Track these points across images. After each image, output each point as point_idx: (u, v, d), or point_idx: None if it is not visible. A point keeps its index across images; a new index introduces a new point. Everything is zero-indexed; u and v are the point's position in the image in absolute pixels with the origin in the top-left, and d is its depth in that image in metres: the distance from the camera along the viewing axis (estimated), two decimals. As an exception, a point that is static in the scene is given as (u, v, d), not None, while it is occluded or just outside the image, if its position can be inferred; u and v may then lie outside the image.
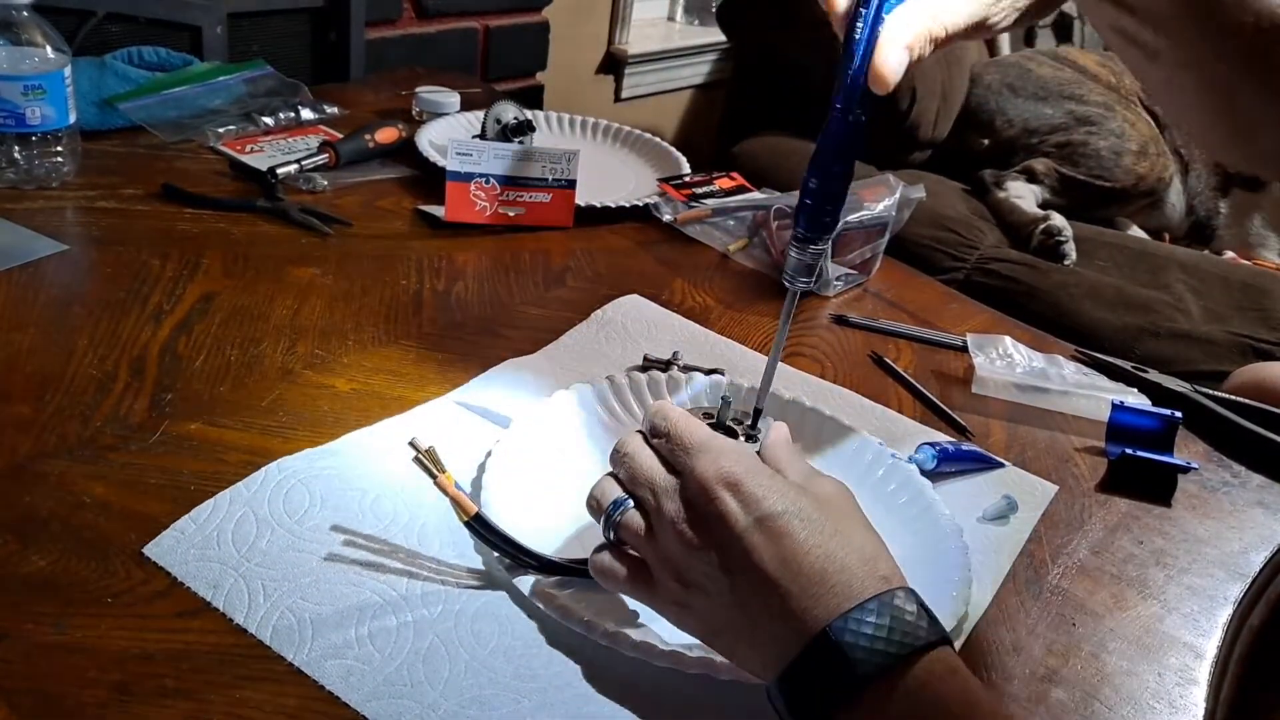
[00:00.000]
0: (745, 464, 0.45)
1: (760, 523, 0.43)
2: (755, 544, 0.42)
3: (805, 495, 0.44)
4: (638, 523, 0.46)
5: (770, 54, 1.67)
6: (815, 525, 0.43)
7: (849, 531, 0.43)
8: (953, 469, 0.67)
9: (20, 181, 0.84)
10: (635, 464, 0.47)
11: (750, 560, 0.42)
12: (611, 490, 0.48)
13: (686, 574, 0.44)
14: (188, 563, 0.49)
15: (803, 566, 0.41)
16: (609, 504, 0.47)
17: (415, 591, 0.50)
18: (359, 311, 0.75)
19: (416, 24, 1.47)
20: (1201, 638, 0.58)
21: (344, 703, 0.44)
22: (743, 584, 0.42)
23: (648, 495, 0.46)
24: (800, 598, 0.41)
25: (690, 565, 0.44)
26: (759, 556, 0.42)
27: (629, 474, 0.47)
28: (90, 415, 0.58)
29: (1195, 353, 1.24)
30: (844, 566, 0.42)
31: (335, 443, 0.59)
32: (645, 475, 0.46)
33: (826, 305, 0.90)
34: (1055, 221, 1.39)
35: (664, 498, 0.45)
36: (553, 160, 0.92)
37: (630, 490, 0.47)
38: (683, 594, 0.45)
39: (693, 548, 0.44)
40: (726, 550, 0.43)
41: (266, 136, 1.03)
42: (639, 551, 0.47)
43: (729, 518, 0.43)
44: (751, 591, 0.42)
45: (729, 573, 0.43)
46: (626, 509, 0.47)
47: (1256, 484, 0.74)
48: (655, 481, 0.46)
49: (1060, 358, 0.84)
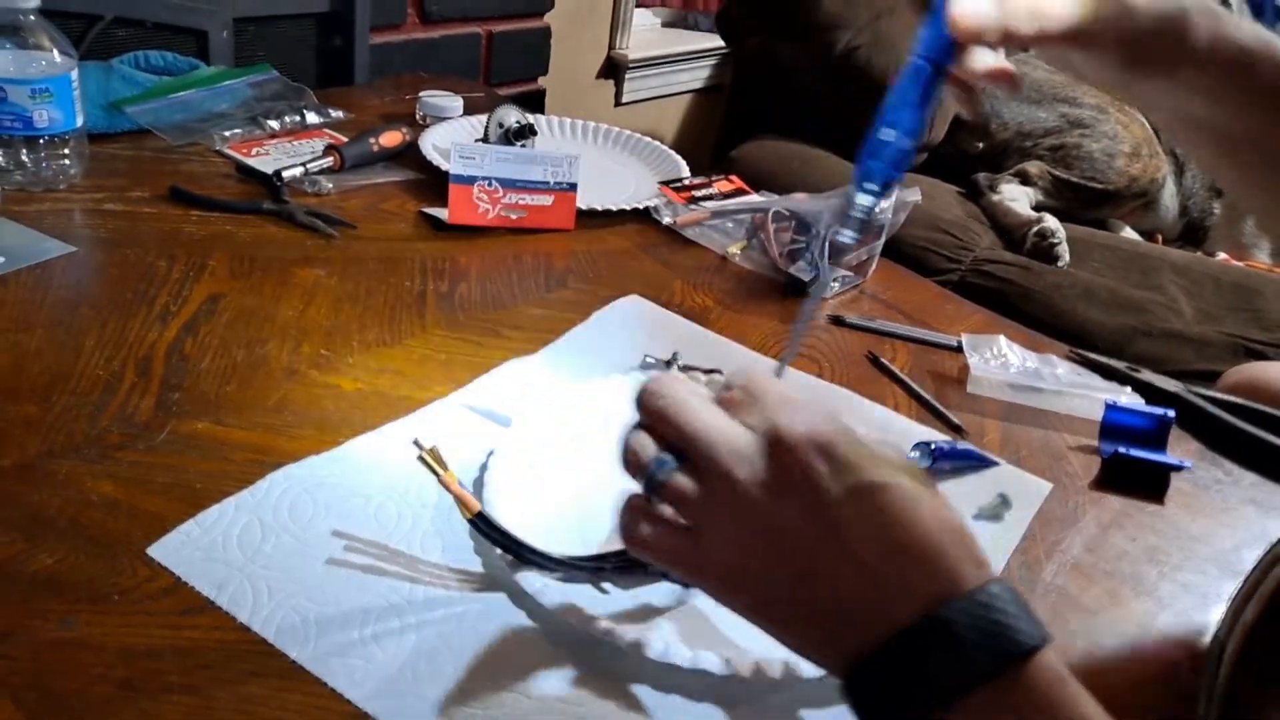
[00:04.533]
0: (837, 425, 0.39)
1: (854, 493, 0.37)
2: (847, 516, 0.37)
3: (902, 469, 0.38)
4: (687, 484, 0.40)
5: (768, 59, 1.68)
6: (912, 501, 0.37)
7: (942, 509, 0.38)
8: (948, 467, 0.68)
9: (28, 184, 0.84)
10: (688, 413, 0.40)
11: (840, 534, 0.37)
12: (650, 444, 0.41)
13: (745, 550, 0.39)
14: (193, 563, 0.49)
15: (897, 548, 0.36)
16: (651, 460, 0.40)
17: (418, 594, 0.50)
18: (364, 312, 0.75)
19: (420, 29, 1.48)
20: (1195, 635, 0.59)
21: (347, 700, 0.44)
22: (826, 559, 0.37)
23: (706, 451, 0.39)
24: (896, 579, 0.36)
25: (756, 536, 0.38)
26: (852, 532, 0.37)
27: (680, 425, 0.40)
28: (98, 415, 0.59)
29: (1188, 353, 1.24)
30: (943, 551, 0.37)
31: (340, 449, 0.59)
32: (703, 427, 0.40)
33: (824, 306, 0.90)
34: (1049, 224, 1.40)
35: (731, 457, 0.39)
36: (554, 163, 0.93)
37: (679, 445, 0.40)
38: (740, 567, 0.39)
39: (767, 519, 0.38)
40: (812, 521, 0.37)
41: (272, 140, 1.03)
42: (687, 517, 0.40)
43: (819, 485, 0.37)
44: (835, 568, 0.37)
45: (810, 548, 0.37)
46: (673, 468, 0.40)
47: (1249, 482, 0.75)
48: (719, 436, 0.39)
49: (1054, 358, 0.85)
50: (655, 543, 0.41)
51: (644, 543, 0.41)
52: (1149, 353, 1.22)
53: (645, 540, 0.41)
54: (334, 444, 0.60)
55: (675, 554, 0.40)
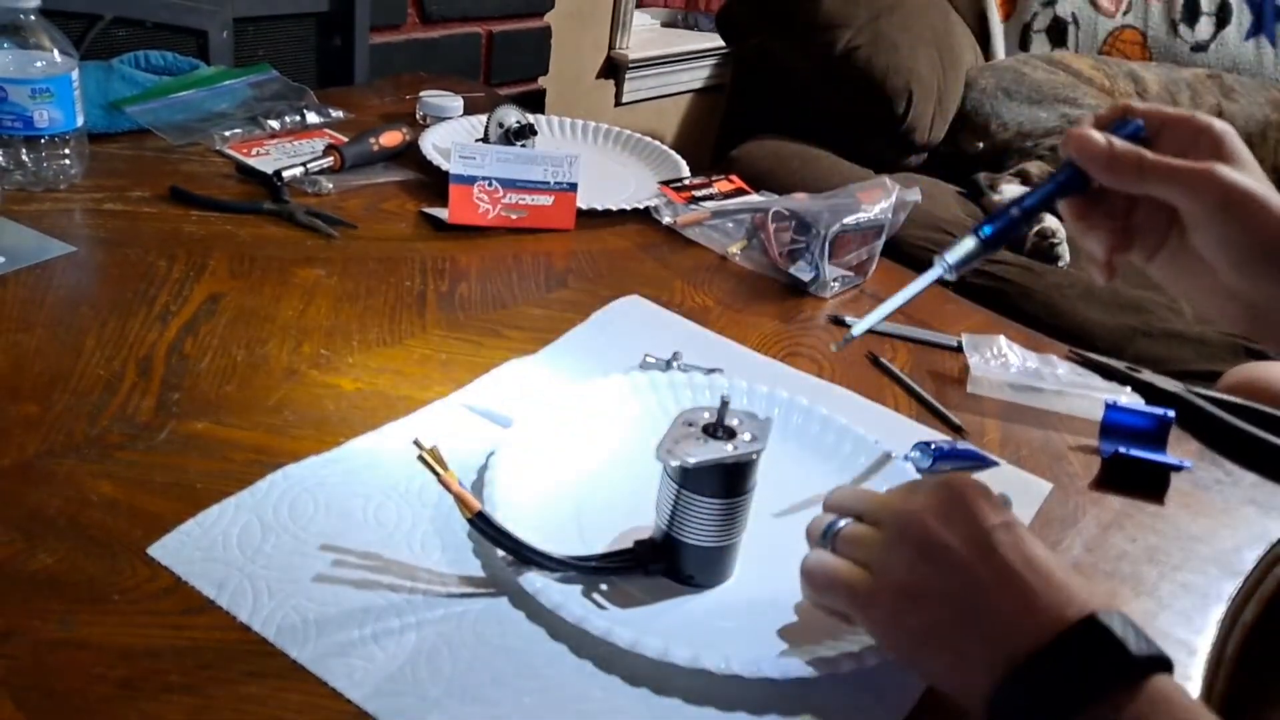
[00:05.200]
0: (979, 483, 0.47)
1: (1007, 526, 0.44)
2: (1003, 541, 0.44)
3: None
4: (863, 529, 0.48)
5: (768, 59, 1.68)
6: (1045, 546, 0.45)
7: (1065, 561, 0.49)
8: (948, 467, 0.68)
9: (28, 184, 0.85)
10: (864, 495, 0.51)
11: (999, 555, 0.43)
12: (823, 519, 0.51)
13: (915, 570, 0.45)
14: (193, 563, 0.49)
15: (1046, 570, 0.43)
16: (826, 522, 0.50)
17: (418, 595, 0.50)
18: (364, 312, 0.75)
19: (420, 29, 1.48)
20: (1195, 634, 0.59)
21: (347, 699, 0.44)
22: (986, 574, 0.43)
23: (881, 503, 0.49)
24: (1048, 594, 0.42)
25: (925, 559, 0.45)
26: (1007, 553, 0.43)
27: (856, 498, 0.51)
28: (98, 414, 0.59)
29: (1188, 352, 1.24)
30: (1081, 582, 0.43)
31: (339, 449, 0.59)
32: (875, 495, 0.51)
33: (824, 306, 0.90)
34: (1049, 224, 1.40)
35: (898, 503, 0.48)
36: (554, 163, 0.93)
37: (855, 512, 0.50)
38: (909, 588, 0.45)
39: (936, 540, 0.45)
40: (974, 542, 0.44)
41: (272, 140, 1.03)
42: (863, 555, 0.47)
43: (979, 513, 0.45)
44: (995, 582, 0.43)
45: (972, 563, 0.44)
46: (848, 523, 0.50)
47: (1249, 482, 0.75)
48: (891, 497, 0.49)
49: (1054, 358, 0.85)
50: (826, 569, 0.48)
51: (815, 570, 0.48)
52: (1149, 353, 1.22)
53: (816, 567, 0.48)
54: (334, 444, 0.60)
55: (852, 587, 0.47)
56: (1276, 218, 0.48)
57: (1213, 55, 1.85)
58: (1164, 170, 0.49)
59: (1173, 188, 0.49)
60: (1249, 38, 1.85)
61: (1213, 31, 1.85)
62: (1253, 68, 1.84)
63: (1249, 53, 1.85)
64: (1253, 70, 1.83)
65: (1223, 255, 0.49)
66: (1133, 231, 0.54)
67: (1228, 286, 0.50)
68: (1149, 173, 0.49)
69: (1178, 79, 1.69)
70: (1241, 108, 1.65)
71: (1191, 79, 1.69)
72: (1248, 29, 1.85)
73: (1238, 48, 1.85)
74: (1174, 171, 0.49)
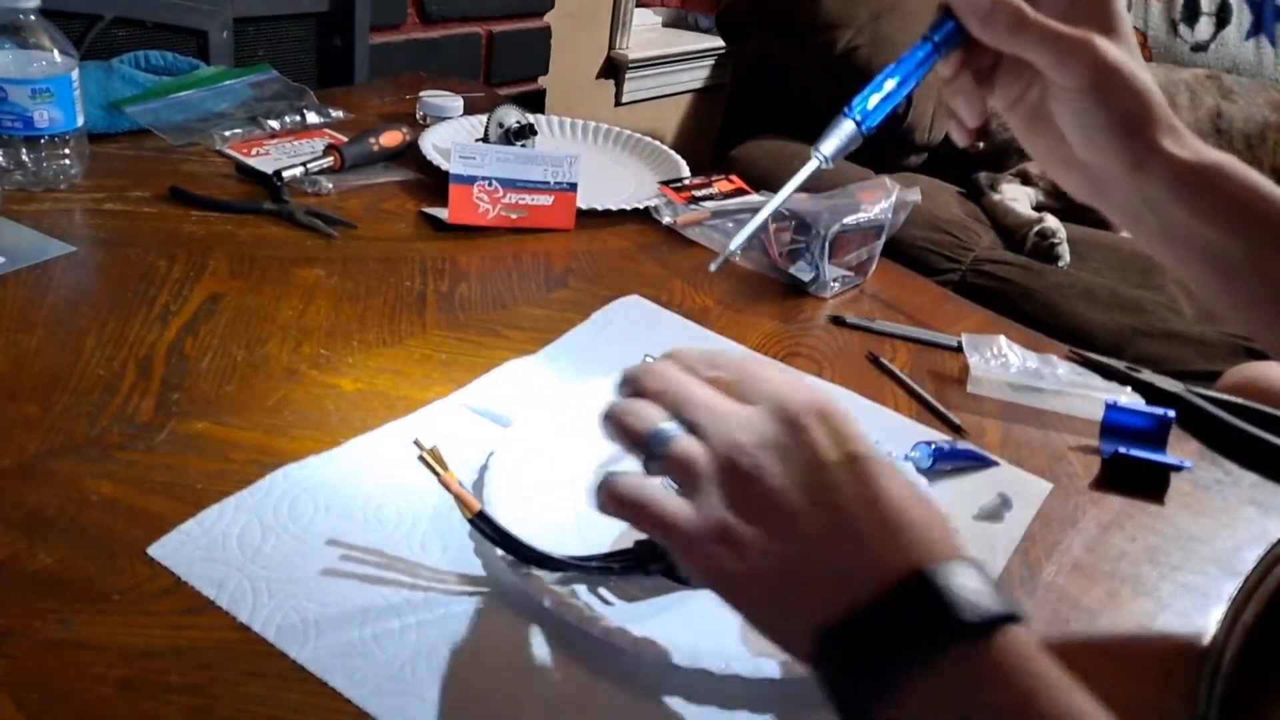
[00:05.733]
0: (831, 398, 0.40)
1: (848, 460, 0.38)
2: (840, 480, 0.38)
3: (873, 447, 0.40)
4: (695, 451, 0.39)
5: (768, 59, 1.68)
6: (891, 473, 0.38)
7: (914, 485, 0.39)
8: (948, 467, 0.68)
9: (28, 184, 0.84)
10: (690, 388, 0.41)
11: (832, 497, 0.38)
12: (649, 415, 0.41)
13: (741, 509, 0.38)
14: (193, 563, 0.49)
15: (886, 514, 0.37)
16: (649, 430, 0.40)
17: (418, 595, 0.50)
18: (364, 312, 0.75)
19: (420, 29, 1.48)
20: (1195, 634, 0.59)
21: (347, 699, 0.44)
22: (816, 521, 0.37)
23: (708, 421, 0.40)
24: (881, 543, 0.37)
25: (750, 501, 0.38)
26: (844, 495, 0.37)
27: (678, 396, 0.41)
28: (97, 414, 0.59)
29: (1188, 352, 1.24)
30: (928, 524, 0.38)
31: (339, 449, 0.59)
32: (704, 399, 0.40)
33: (824, 306, 0.90)
34: (1049, 224, 1.40)
35: (733, 424, 0.39)
36: (554, 163, 0.93)
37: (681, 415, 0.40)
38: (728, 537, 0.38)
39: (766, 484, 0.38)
40: (807, 483, 0.38)
41: (272, 140, 1.03)
42: (688, 486, 0.40)
43: (817, 448, 0.38)
44: (826, 530, 0.37)
45: (803, 509, 0.38)
46: (678, 437, 0.40)
47: (1249, 482, 0.75)
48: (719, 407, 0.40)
49: (1054, 358, 0.85)
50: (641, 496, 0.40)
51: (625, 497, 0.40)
52: (1149, 353, 1.22)
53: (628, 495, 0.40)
54: (334, 444, 0.60)
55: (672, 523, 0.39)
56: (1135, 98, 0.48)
57: (1212, 55, 1.85)
58: (1041, 32, 0.48)
59: (1046, 54, 0.48)
60: (1249, 38, 1.85)
61: (1213, 32, 1.85)
62: (1253, 68, 1.84)
63: (1249, 53, 1.85)
64: (1253, 70, 1.84)
65: (1076, 130, 0.50)
66: (996, 74, 0.53)
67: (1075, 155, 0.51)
68: (1026, 32, 0.48)
69: (1176, 80, 1.69)
70: (1241, 109, 1.65)
71: (1190, 80, 1.69)
72: (1248, 29, 1.85)
73: (1238, 48, 1.85)
74: (1051, 36, 0.48)
